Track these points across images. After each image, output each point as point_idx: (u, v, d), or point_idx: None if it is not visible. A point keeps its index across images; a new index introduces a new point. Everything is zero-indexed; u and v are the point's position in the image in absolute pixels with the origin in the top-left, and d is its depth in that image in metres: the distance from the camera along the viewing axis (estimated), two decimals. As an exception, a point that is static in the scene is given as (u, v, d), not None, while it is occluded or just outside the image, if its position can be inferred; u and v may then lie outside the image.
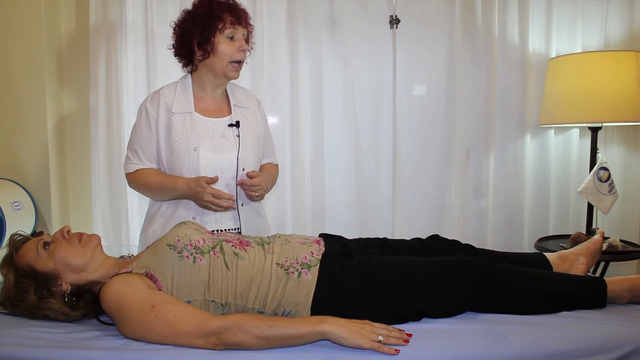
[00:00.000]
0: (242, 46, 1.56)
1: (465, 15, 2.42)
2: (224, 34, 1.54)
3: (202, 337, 1.06)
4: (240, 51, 1.56)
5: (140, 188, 1.64)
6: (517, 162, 2.54)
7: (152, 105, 1.60)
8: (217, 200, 1.49)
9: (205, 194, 1.48)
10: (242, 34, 1.58)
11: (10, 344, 1.09)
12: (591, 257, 1.51)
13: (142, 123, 1.61)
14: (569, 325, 1.19)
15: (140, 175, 1.60)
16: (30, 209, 2.05)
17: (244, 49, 1.57)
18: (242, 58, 1.58)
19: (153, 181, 1.59)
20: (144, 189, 1.64)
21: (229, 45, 1.55)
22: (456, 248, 1.49)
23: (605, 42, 2.49)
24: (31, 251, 1.26)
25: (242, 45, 1.56)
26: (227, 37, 1.55)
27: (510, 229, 2.57)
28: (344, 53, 2.39)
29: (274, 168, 1.83)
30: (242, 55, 1.57)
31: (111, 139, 2.28)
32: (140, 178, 1.61)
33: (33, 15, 2.09)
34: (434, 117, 2.48)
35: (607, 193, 2.21)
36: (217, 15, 1.53)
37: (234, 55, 1.56)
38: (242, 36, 1.58)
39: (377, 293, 1.23)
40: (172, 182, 1.55)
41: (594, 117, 2.20)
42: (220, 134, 1.61)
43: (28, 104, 2.13)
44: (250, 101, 1.73)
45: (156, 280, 1.20)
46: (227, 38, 1.55)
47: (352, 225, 2.46)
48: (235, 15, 1.55)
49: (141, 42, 2.28)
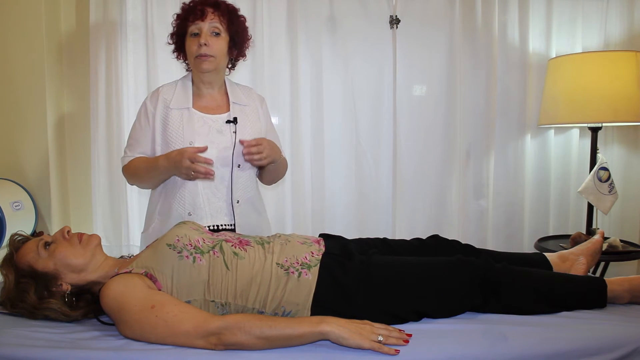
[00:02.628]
0: (201, 40, 1.55)
1: (465, 15, 2.42)
2: (189, 33, 1.59)
3: (202, 337, 1.06)
4: (199, 46, 1.55)
5: (132, 178, 1.64)
6: (517, 162, 2.54)
7: (152, 101, 1.64)
8: (194, 165, 1.42)
9: (183, 160, 1.42)
10: (209, 27, 1.57)
11: (10, 344, 1.08)
12: (591, 257, 1.51)
13: (140, 118, 1.64)
14: (569, 325, 1.19)
15: (130, 164, 1.62)
16: (30, 209, 2.05)
17: (201, 43, 1.55)
18: (201, 52, 1.55)
19: (139, 165, 1.59)
20: (135, 178, 1.63)
21: (192, 42, 1.58)
22: (456, 248, 1.49)
23: (605, 42, 2.50)
24: (31, 251, 1.26)
25: (201, 40, 1.55)
26: (191, 35, 1.58)
27: (510, 229, 2.57)
28: (344, 53, 2.39)
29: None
30: (203, 49, 1.55)
31: (111, 139, 2.28)
32: (130, 168, 1.62)
33: (33, 15, 2.09)
34: (434, 117, 2.48)
35: (607, 193, 2.21)
36: (185, 18, 1.59)
37: (195, 51, 1.56)
38: (209, 29, 1.57)
39: (377, 293, 1.23)
40: (154, 160, 1.55)
41: (594, 117, 2.20)
42: (217, 129, 1.61)
43: (28, 104, 2.13)
44: (251, 99, 1.72)
45: (156, 280, 1.20)
46: (192, 36, 1.58)
47: (352, 225, 2.46)
48: (195, 12, 1.57)
49: (141, 42, 2.28)
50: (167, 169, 1.51)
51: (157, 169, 1.53)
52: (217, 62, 1.60)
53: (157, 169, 1.53)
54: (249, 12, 2.30)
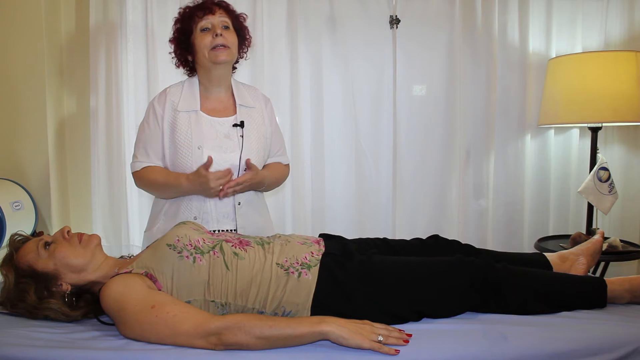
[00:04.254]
0: (217, 31, 1.55)
1: (465, 15, 2.42)
2: (198, 29, 1.58)
3: (202, 337, 1.06)
4: (215, 36, 1.55)
5: (146, 186, 1.64)
6: (517, 162, 2.54)
7: (159, 103, 1.63)
8: (224, 179, 1.47)
9: (211, 180, 1.45)
10: (219, 21, 1.58)
11: (10, 344, 1.09)
12: (591, 257, 1.51)
13: (150, 121, 1.62)
14: (569, 325, 1.19)
15: (145, 173, 1.60)
16: (30, 209, 2.05)
17: (218, 34, 1.55)
18: (219, 42, 1.55)
19: (157, 178, 1.58)
20: (149, 187, 1.63)
21: (204, 36, 1.57)
22: (456, 248, 1.49)
23: (605, 42, 2.49)
24: (31, 251, 1.26)
25: (216, 30, 1.55)
26: (201, 31, 1.58)
27: (510, 229, 2.57)
28: (344, 53, 2.39)
29: (278, 166, 1.79)
30: (219, 39, 1.55)
31: (111, 139, 2.28)
32: (145, 176, 1.60)
33: (33, 16, 2.09)
34: (434, 117, 2.48)
35: (607, 193, 2.21)
36: (189, 17, 1.59)
37: (211, 43, 1.56)
38: (220, 23, 1.58)
39: (377, 293, 1.23)
40: (175, 179, 1.55)
41: (594, 117, 2.20)
42: (225, 133, 1.61)
43: (28, 104, 2.13)
44: (257, 100, 1.72)
45: (156, 280, 1.20)
46: (201, 31, 1.58)
47: (352, 225, 2.46)
48: (203, 9, 1.58)
49: (141, 42, 2.28)
50: (191, 190, 1.53)
51: (179, 188, 1.55)
52: (233, 54, 1.60)
53: (178, 187, 1.54)
54: (249, 12, 2.27)
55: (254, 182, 1.58)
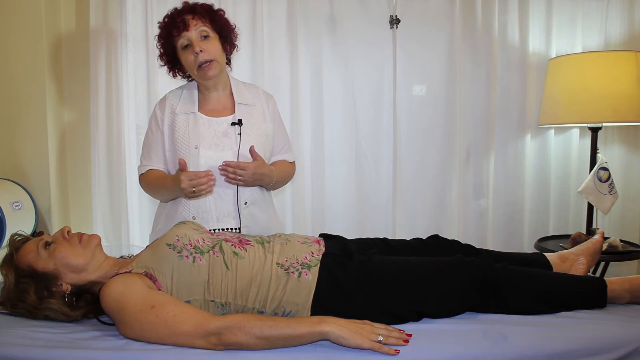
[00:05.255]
0: (195, 49, 1.53)
1: (465, 15, 2.42)
2: (179, 46, 1.57)
3: (202, 337, 1.06)
4: (195, 55, 1.53)
5: (147, 189, 1.67)
6: (517, 162, 2.54)
7: (160, 107, 1.66)
8: (196, 181, 1.41)
9: (182, 181, 1.41)
10: (196, 34, 1.55)
11: (10, 344, 1.09)
12: (591, 257, 1.51)
13: (152, 125, 1.66)
14: (569, 325, 1.19)
15: (147, 176, 1.63)
16: (30, 209, 2.05)
17: (197, 52, 1.52)
18: (201, 60, 1.53)
19: (153, 181, 1.61)
20: (150, 190, 1.66)
21: (187, 55, 1.56)
22: (456, 248, 1.49)
23: (605, 42, 2.49)
24: (31, 251, 1.26)
25: (195, 49, 1.53)
26: (182, 48, 1.57)
27: (510, 229, 2.57)
28: (344, 53, 2.39)
29: (284, 163, 1.76)
30: (201, 56, 1.53)
31: (111, 138, 2.28)
32: (146, 179, 1.64)
33: (33, 16, 2.09)
34: (434, 117, 2.48)
35: (607, 193, 2.21)
36: (168, 35, 1.57)
37: (194, 61, 1.55)
38: (197, 35, 1.55)
39: (377, 293, 1.23)
40: (165, 181, 1.56)
41: (594, 117, 2.20)
42: (222, 132, 1.61)
43: (28, 104, 2.13)
44: (257, 98, 1.71)
45: (156, 280, 1.20)
46: (183, 49, 1.57)
47: (352, 225, 2.46)
48: (176, 25, 1.54)
49: (141, 43, 2.28)
50: (175, 191, 1.50)
51: (168, 190, 1.55)
52: (220, 64, 1.59)
53: (166, 188, 1.55)
54: (249, 12, 2.31)
55: (259, 173, 1.55)
